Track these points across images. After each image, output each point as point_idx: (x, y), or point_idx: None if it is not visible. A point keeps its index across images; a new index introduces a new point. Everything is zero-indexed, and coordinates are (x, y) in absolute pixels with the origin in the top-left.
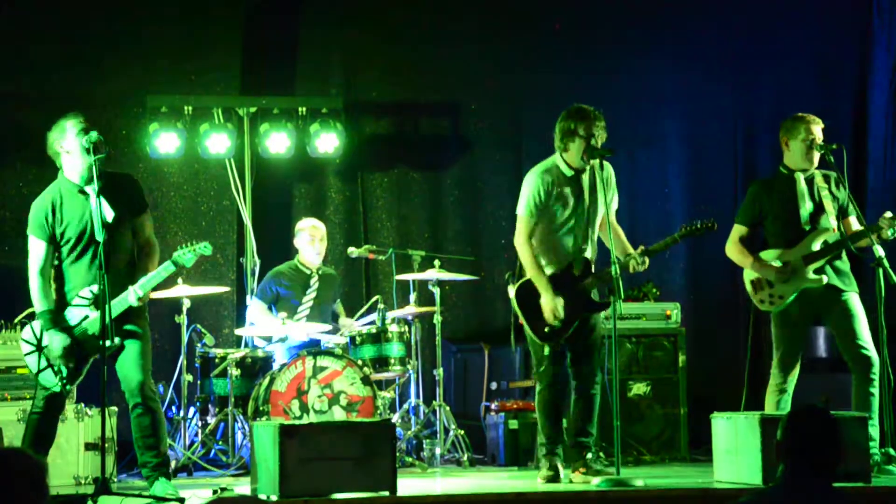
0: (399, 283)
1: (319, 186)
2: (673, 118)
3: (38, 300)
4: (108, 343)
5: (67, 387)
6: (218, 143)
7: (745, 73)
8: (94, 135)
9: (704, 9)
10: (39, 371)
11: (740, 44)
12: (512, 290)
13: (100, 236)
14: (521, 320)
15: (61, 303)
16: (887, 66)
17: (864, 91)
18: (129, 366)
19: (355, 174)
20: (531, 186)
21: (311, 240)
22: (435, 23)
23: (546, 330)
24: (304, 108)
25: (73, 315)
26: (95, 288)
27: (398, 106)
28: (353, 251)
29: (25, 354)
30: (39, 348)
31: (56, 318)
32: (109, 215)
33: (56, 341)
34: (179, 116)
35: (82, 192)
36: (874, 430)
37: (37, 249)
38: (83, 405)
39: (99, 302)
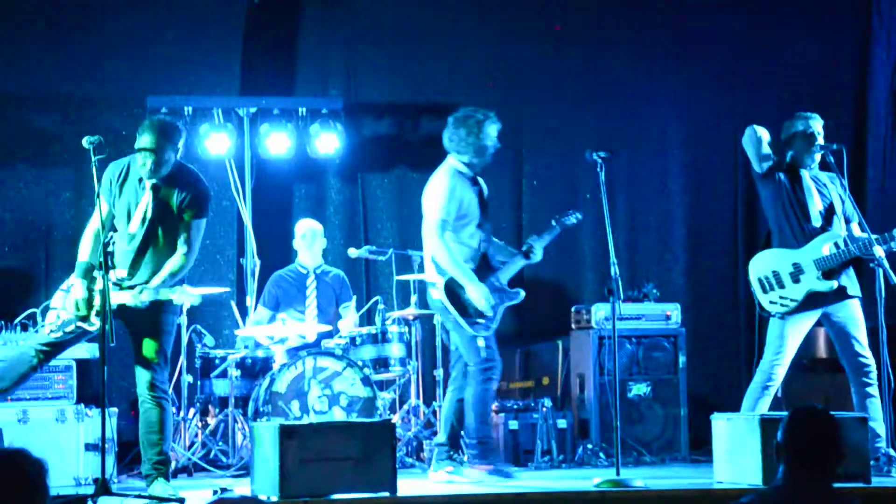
0: (399, 283)
1: (319, 187)
2: (673, 118)
3: (85, 251)
4: (91, 323)
5: (52, 333)
6: (218, 143)
7: (744, 73)
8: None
9: (704, 9)
10: (52, 309)
11: (740, 43)
12: (437, 292)
13: (103, 235)
14: (455, 315)
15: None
16: (887, 65)
17: (863, 91)
18: (142, 360)
19: (355, 175)
20: (442, 185)
21: (304, 241)
22: (435, 23)
23: (480, 320)
24: (304, 109)
25: (99, 285)
26: (123, 273)
27: (398, 106)
28: (352, 252)
29: (60, 289)
30: (103, 318)
31: (90, 273)
32: (150, 213)
33: (77, 290)
34: (179, 117)
35: (142, 180)
36: (880, 429)
37: (101, 209)
38: (83, 406)
39: (123, 287)
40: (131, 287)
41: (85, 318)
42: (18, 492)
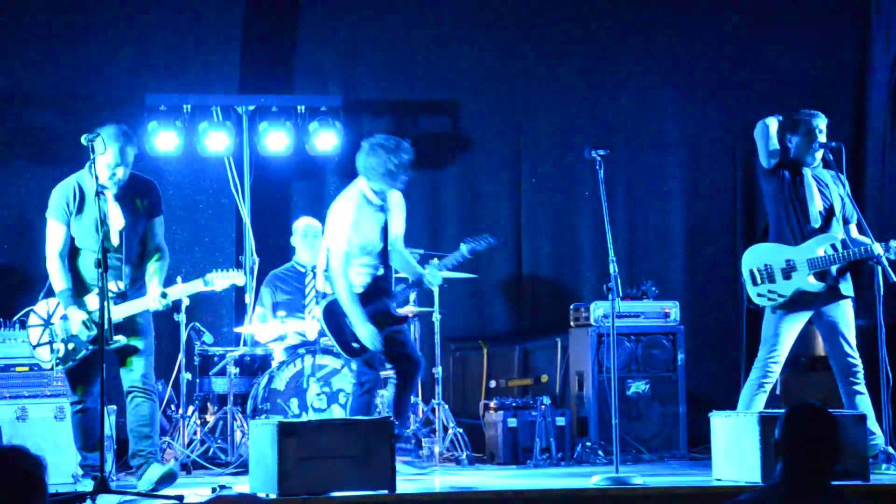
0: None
1: (318, 185)
2: (672, 118)
3: (59, 279)
4: (115, 341)
5: (59, 366)
6: (217, 141)
7: (744, 71)
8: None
9: (704, 8)
10: (38, 345)
11: (739, 42)
12: (319, 310)
13: (103, 240)
14: (331, 339)
15: (78, 290)
16: (886, 64)
17: (863, 90)
18: (133, 356)
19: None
20: (349, 216)
21: (305, 239)
22: (434, 21)
23: (355, 346)
24: (303, 107)
25: (93, 303)
26: (122, 284)
27: (397, 104)
28: None
29: (30, 326)
30: (47, 323)
31: (75, 295)
32: (120, 221)
33: (76, 316)
34: (178, 115)
35: (99, 193)
36: (874, 426)
37: (56, 232)
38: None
39: (124, 297)
40: (120, 295)
41: (96, 339)
42: (17, 489)
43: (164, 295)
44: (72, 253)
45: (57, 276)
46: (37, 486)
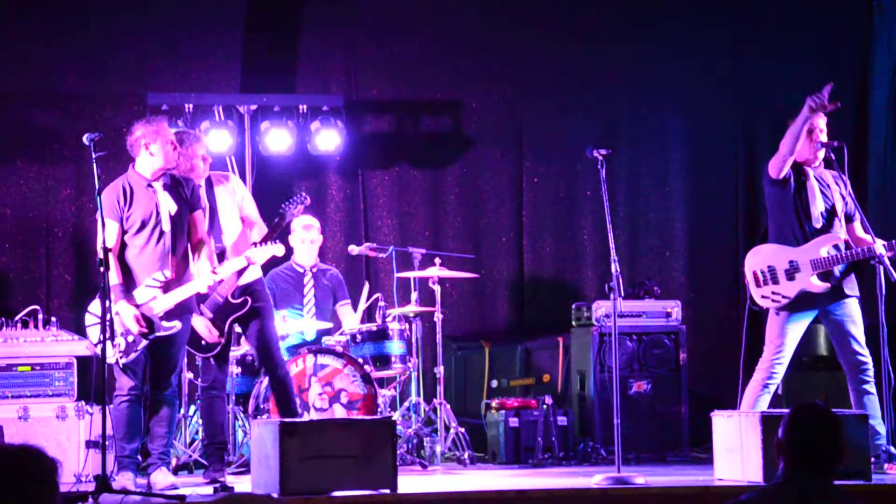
0: (400, 281)
1: (320, 184)
2: (673, 117)
3: (112, 276)
4: (171, 327)
5: (123, 359)
6: (218, 140)
7: (745, 71)
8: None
9: (705, 8)
10: (100, 342)
11: (741, 43)
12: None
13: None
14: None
15: (128, 283)
16: (887, 65)
17: (864, 90)
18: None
19: (356, 172)
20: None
21: (302, 239)
22: (436, 20)
23: (203, 343)
24: (305, 106)
25: (141, 295)
26: (168, 272)
27: (399, 104)
28: (353, 249)
29: (88, 326)
30: (103, 320)
31: (126, 291)
32: (172, 209)
33: (127, 310)
34: (180, 114)
35: (150, 185)
36: (880, 427)
37: (110, 231)
38: (84, 403)
39: (167, 286)
40: (166, 284)
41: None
42: (29, 490)
43: (214, 273)
44: (121, 249)
45: (112, 272)
46: (49, 487)
